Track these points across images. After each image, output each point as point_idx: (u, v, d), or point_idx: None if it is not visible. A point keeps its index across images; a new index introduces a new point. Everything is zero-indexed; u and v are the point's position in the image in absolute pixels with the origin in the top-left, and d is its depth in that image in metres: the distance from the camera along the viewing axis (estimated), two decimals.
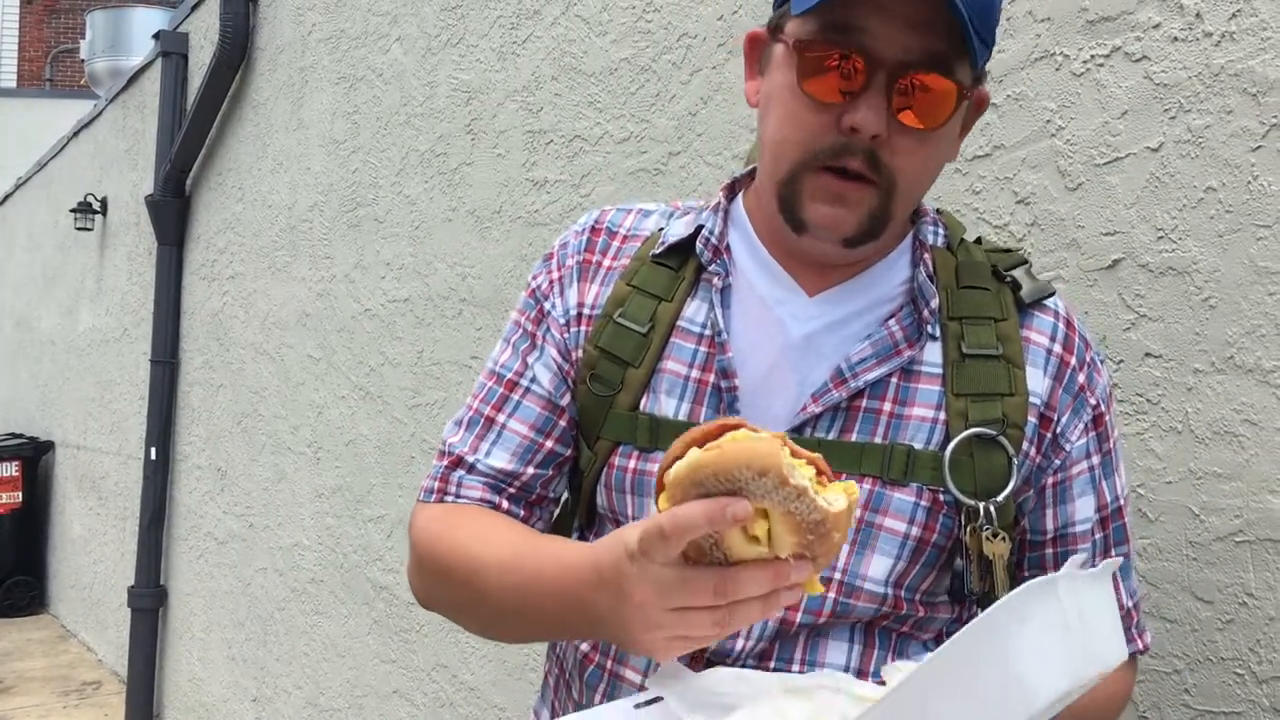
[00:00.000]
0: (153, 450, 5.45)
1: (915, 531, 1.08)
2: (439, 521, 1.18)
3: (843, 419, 1.08)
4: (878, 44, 0.99)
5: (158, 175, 5.45)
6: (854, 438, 1.08)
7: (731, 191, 1.22)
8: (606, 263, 1.20)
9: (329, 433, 3.87)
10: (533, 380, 1.19)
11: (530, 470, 1.18)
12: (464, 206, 3.07)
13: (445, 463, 1.21)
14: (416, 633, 3.24)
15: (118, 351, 6.47)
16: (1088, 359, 1.15)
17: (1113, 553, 1.16)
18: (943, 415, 1.09)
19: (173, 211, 5.39)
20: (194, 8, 5.38)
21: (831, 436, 1.08)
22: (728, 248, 1.16)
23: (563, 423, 1.19)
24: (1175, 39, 1.44)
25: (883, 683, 0.96)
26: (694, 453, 0.81)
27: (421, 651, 3.22)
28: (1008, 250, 1.19)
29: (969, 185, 1.70)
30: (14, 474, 7.93)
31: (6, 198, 10.06)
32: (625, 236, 1.22)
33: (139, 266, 6.08)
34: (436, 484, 1.21)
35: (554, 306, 1.20)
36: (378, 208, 3.56)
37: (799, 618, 1.07)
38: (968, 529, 1.08)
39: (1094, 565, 1.13)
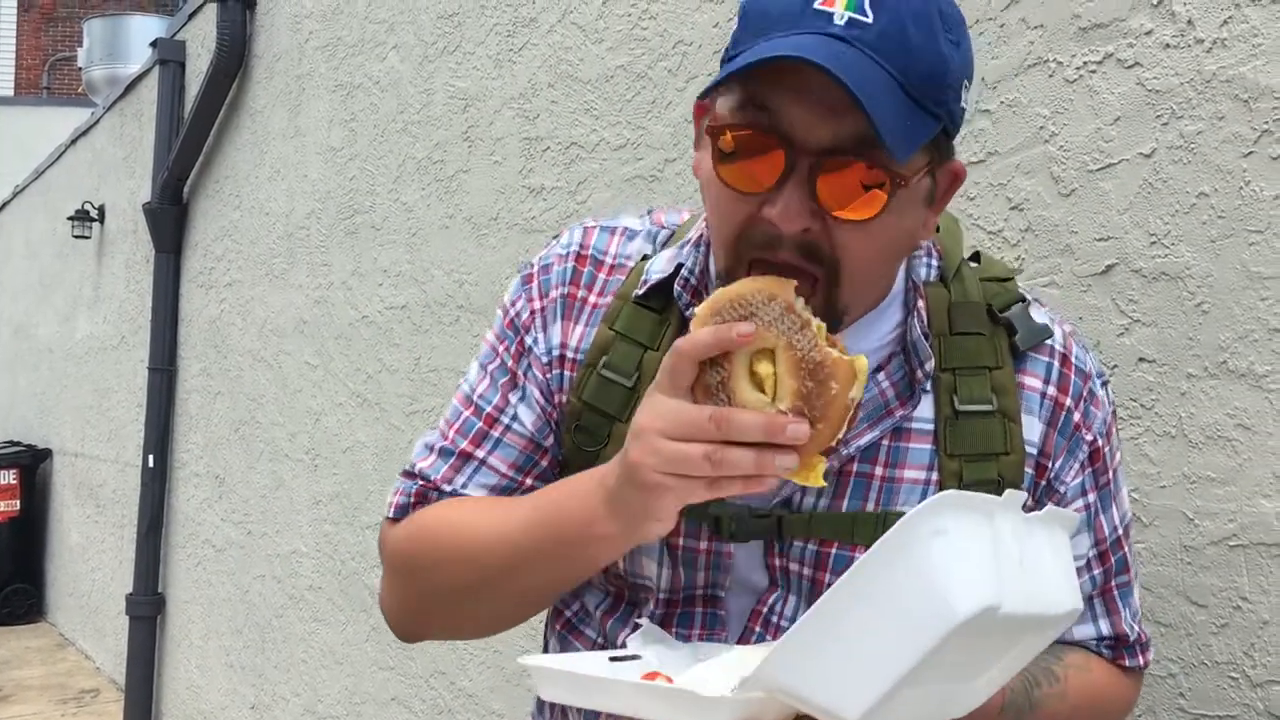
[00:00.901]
0: (151, 458, 5.45)
1: None
2: (419, 522, 1.13)
3: (833, 486, 1.05)
4: (796, 130, 0.90)
5: (155, 183, 5.45)
6: (845, 505, 1.05)
7: None
8: (592, 299, 1.14)
9: (327, 440, 3.87)
10: (514, 419, 1.14)
11: None
12: (461, 213, 3.08)
13: (417, 484, 1.16)
14: None
15: (115, 359, 6.48)
16: (1084, 393, 1.10)
17: (1113, 583, 1.14)
18: (935, 475, 1.06)
19: (170, 219, 5.40)
20: (191, 16, 5.39)
21: (822, 505, 1.05)
22: (709, 286, 1.09)
23: (544, 462, 1.14)
24: (1167, 46, 1.45)
25: None
26: (718, 291, 0.89)
27: (420, 659, 3.22)
28: (1005, 280, 1.13)
29: (963, 191, 1.71)
30: (12, 482, 7.93)
31: (4, 206, 10.06)
32: (611, 266, 1.15)
33: (136, 274, 6.09)
34: (412, 500, 1.15)
35: (536, 342, 1.14)
36: (375, 215, 3.57)
37: None
38: None
39: (1094, 600, 1.12)
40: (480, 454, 1.14)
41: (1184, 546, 1.43)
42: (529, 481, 1.14)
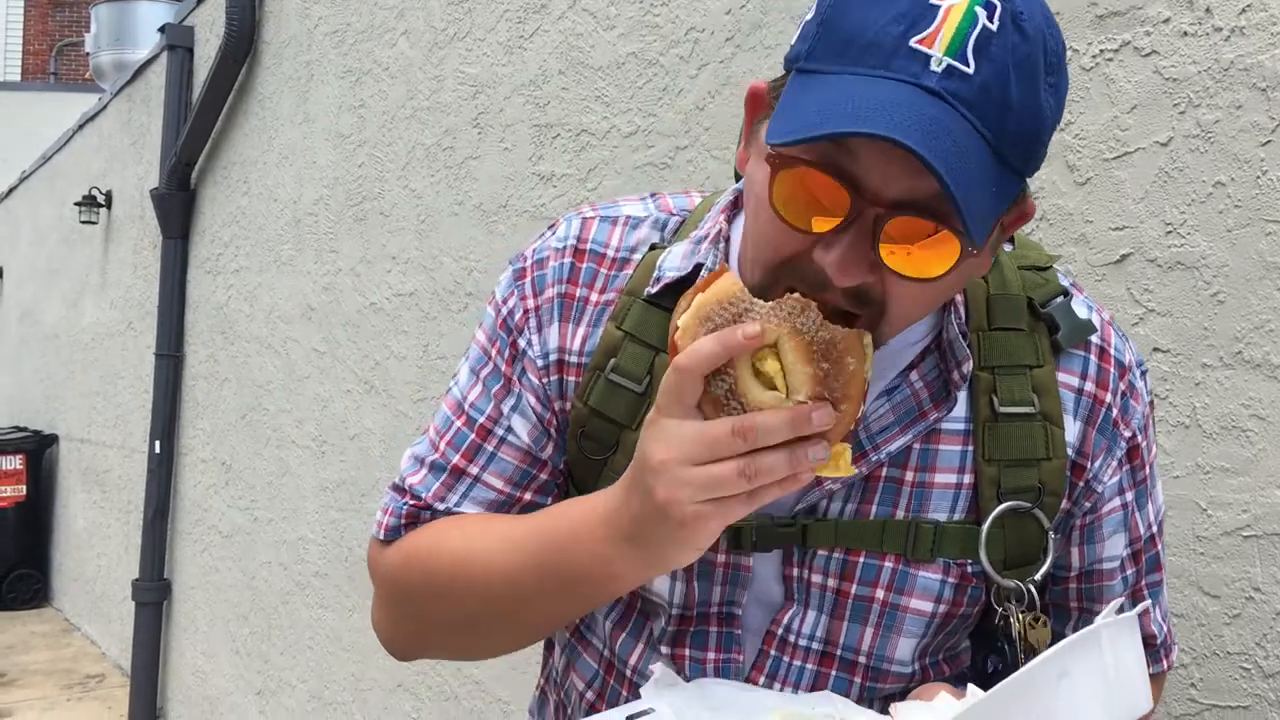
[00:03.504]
0: (157, 444, 5.45)
1: (942, 609, 1.02)
2: (414, 548, 1.07)
3: (861, 491, 1.00)
4: (870, 178, 0.80)
5: (163, 169, 5.45)
6: (874, 511, 1.00)
7: (735, 208, 1.06)
8: (594, 298, 1.05)
9: (334, 426, 3.88)
10: (509, 430, 1.07)
11: None
12: (470, 200, 3.08)
13: (407, 502, 1.09)
14: None
15: (122, 345, 6.48)
16: (1122, 387, 1.04)
17: (1144, 582, 1.11)
18: (968, 479, 1.00)
19: (178, 205, 5.40)
20: (199, 1, 5.38)
21: (849, 511, 1.00)
22: None
23: (543, 475, 1.07)
24: (1185, 33, 1.44)
25: (884, 712, 0.92)
26: (698, 298, 0.83)
27: None
28: (1044, 269, 1.07)
29: None
30: (18, 467, 7.95)
31: (11, 191, 10.08)
32: (614, 260, 1.06)
33: (144, 260, 6.09)
34: (403, 521, 1.09)
35: (530, 345, 1.06)
36: (384, 201, 3.57)
37: None
38: (1012, 613, 1.01)
39: (1127, 600, 1.11)
40: (474, 470, 1.07)
41: (1197, 537, 1.42)
42: (527, 496, 1.07)
